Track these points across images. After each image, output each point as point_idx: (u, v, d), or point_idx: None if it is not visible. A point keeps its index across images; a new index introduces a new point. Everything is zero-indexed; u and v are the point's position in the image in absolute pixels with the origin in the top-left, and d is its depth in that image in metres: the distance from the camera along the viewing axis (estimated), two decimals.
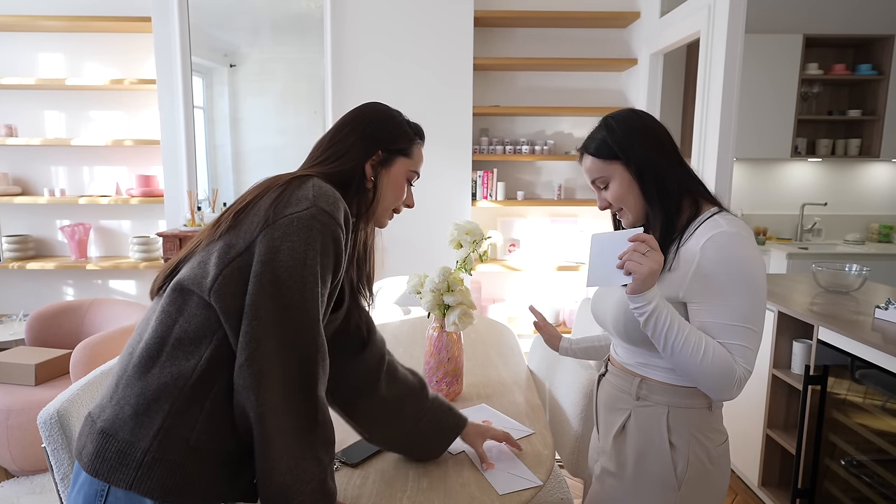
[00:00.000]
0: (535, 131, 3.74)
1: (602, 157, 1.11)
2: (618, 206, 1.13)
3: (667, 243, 1.07)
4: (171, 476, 0.86)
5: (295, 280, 0.86)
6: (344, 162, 1.03)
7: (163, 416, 0.86)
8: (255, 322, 0.86)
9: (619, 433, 1.15)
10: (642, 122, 1.11)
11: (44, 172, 3.68)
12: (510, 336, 2.21)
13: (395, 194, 1.10)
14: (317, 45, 3.35)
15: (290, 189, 0.91)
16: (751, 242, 1.03)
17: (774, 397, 2.19)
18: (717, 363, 0.98)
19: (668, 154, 1.09)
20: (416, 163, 1.12)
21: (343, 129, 1.07)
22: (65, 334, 2.80)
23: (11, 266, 3.42)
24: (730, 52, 2.46)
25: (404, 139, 1.09)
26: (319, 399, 0.91)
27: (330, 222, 0.90)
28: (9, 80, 3.35)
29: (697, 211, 1.08)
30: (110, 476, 0.86)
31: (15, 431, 2.30)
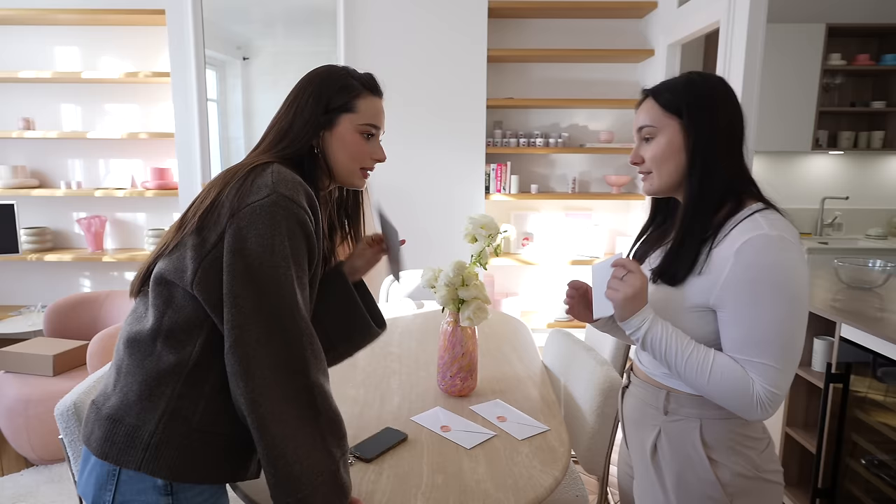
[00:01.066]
0: (549, 124, 3.70)
1: (664, 107, 1.00)
2: (649, 168, 1.03)
3: (693, 236, 0.97)
4: (178, 456, 0.90)
5: (266, 266, 0.88)
6: (291, 139, 1.02)
7: (166, 401, 0.90)
8: (235, 310, 0.87)
9: (653, 453, 1.06)
10: (727, 94, 1.00)
11: (60, 165, 3.71)
12: (524, 331, 2.19)
13: (348, 154, 1.05)
14: (330, 37, 3.33)
15: (250, 178, 0.92)
16: (794, 247, 0.91)
17: (794, 395, 2.15)
18: (726, 383, 0.91)
19: (734, 140, 0.99)
20: (365, 116, 1.05)
21: (284, 105, 1.05)
22: (82, 326, 2.83)
23: (30, 258, 3.46)
24: (750, 43, 2.41)
25: (344, 95, 1.03)
26: (315, 386, 0.91)
27: (291, 206, 0.90)
28: (26, 74, 3.37)
29: (738, 209, 0.97)
30: (120, 458, 0.90)
31: (34, 421, 2.33)
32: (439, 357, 1.55)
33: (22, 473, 2.38)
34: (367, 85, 1.07)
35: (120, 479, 0.91)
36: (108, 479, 0.91)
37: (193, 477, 0.92)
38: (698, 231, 0.97)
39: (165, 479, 0.90)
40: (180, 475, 0.90)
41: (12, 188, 3.46)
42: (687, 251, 0.98)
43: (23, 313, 3.21)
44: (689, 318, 0.98)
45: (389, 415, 1.43)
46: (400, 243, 1.20)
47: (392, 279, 1.24)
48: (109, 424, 0.92)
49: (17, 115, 3.62)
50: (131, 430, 0.90)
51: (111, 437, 0.91)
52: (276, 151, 1.01)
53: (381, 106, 1.09)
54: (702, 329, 0.98)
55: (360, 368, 1.75)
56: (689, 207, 0.99)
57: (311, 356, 0.91)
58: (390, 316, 2.34)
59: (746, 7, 2.40)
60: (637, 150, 1.06)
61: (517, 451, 1.26)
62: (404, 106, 3.37)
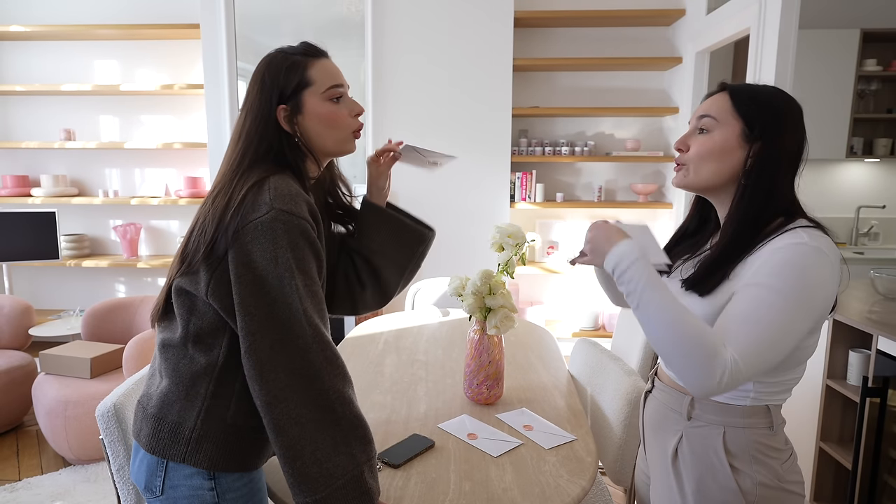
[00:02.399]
0: (575, 132, 3.69)
1: (736, 107, 0.97)
2: (690, 159, 1.01)
3: (736, 252, 0.96)
4: (216, 449, 0.98)
5: (272, 278, 0.91)
6: (264, 146, 1.00)
7: (201, 399, 0.97)
8: (248, 318, 0.92)
9: (674, 458, 1.05)
10: (800, 120, 0.98)
11: (98, 174, 3.84)
12: (550, 339, 2.19)
13: (329, 124, 1.03)
14: (358, 48, 3.39)
15: (250, 195, 0.94)
16: (827, 262, 0.89)
17: (828, 409, 2.09)
18: (693, 336, 0.86)
19: (795, 165, 0.98)
20: (325, 81, 1.02)
21: (242, 114, 1.03)
22: (118, 330, 2.92)
23: (69, 264, 3.59)
24: (782, 50, 2.37)
25: (293, 74, 1.01)
26: (332, 391, 0.93)
27: (291, 220, 0.93)
28: (68, 87, 3.51)
29: (785, 224, 0.95)
30: (166, 452, 0.98)
31: (72, 422, 2.41)
32: (466, 365, 1.56)
33: (60, 472, 2.46)
34: (309, 52, 1.04)
35: (168, 467, 0.99)
36: (158, 468, 0.99)
37: (232, 466, 0.99)
38: (740, 249, 0.96)
39: (207, 470, 0.98)
40: (220, 465, 0.98)
41: (54, 196, 3.60)
42: (725, 265, 0.96)
43: (62, 317, 3.33)
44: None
45: (416, 422, 1.44)
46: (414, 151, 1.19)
47: (432, 166, 1.23)
48: (154, 422, 1.00)
49: (59, 126, 3.77)
50: (174, 427, 0.98)
51: (157, 434, 0.99)
52: (250, 160, 0.99)
53: (332, 65, 1.05)
54: None
55: (386, 375, 1.77)
56: (735, 224, 0.97)
57: (324, 362, 0.93)
58: (417, 323, 2.36)
59: (777, 13, 2.37)
60: (687, 136, 1.04)
61: (544, 460, 1.26)
62: (431, 114, 3.41)
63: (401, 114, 3.41)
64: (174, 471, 0.98)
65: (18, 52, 3.75)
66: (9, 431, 2.82)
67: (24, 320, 3.01)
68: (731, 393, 0.99)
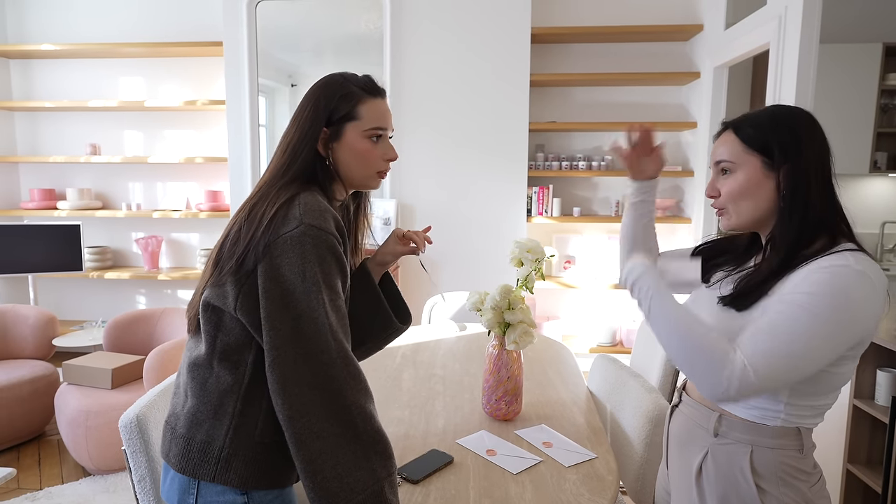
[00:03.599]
0: (592, 147, 3.69)
1: (745, 143, 0.98)
2: (725, 203, 1.01)
3: (779, 273, 0.94)
4: (246, 467, 0.97)
5: (300, 292, 0.92)
6: (301, 156, 1.02)
7: (229, 418, 0.97)
8: (273, 332, 0.92)
9: (698, 474, 1.03)
10: (814, 129, 0.97)
11: (122, 188, 3.93)
12: (568, 355, 2.17)
13: (360, 161, 1.05)
14: (376, 65, 3.44)
15: (282, 211, 0.96)
16: (870, 286, 0.87)
17: (856, 430, 2.04)
18: (701, 341, 0.90)
19: (824, 176, 0.96)
20: (371, 120, 1.05)
21: (291, 121, 1.06)
22: (138, 341, 2.95)
23: (92, 275, 3.66)
24: (802, 65, 2.36)
25: (345, 104, 1.03)
26: (354, 406, 0.93)
27: (320, 235, 0.94)
28: (94, 103, 3.61)
29: (831, 245, 0.93)
30: (196, 472, 0.98)
31: (93, 432, 2.43)
32: (484, 380, 1.56)
33: (80, 482, 2.49)
34: (367, 88, 1.06)
35: (200, 486, 0.99)
36: (190, 487, 1.00)
37: (263, 484, 0.99)
38: (784, 268, 0.94)
39: (237, 488, 0.98)
40: (250, 483, 0.98)
41: (78, 209, 3.68)
42: (766, 285, 0.95)
43: (84, 328, 3.38)
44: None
45: (435, 437, 1.44)
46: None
47: None
48: (184, 443, 1.00)
49: (85, 141, 3.87)
50: (203, 447, 0.98)
51: (187, 454, 0.99)
52: (293, 173, 1.02)
53: (384, 106, 1.08)
54: None
55: (404, 390, 1.77)
56: (780, 248, 0.96)
57: (347, 377, 0.93)
58: (434, 337, 2.36)
59: (798, 29, 2.36)
60: (713, 182, 1.04)
61: (564, 478, 1.24)
62: (448, 129, 3.43)
63: (419, 129, 3.44)
64: (206, 489, 0.99)
65: (48, 69, 3.87)
66: (31, 440, 2.86)
67: (47, 331, 3.06)
68: (760, 412, 0.97)
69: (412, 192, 3.48)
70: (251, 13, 3.40)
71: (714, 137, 1.05)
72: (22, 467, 2.62)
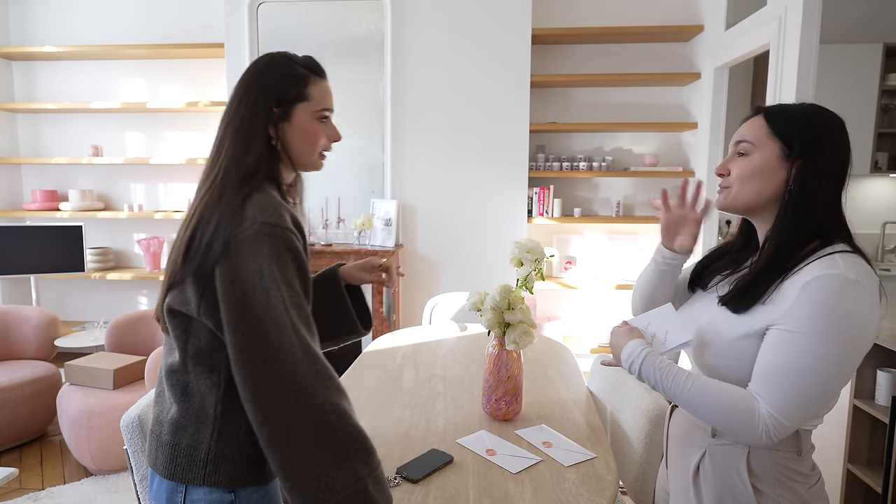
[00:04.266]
0: (592, 147, 3.70)
1: (773, 128, 0.98)
2: (730, 182, 1.01)
3: (774, 270, 0.95)
4: (234, 467, 0.97)
5: (258, 292, 0.90)
6: (255, 148, 0.99)
7: (212, 421, 0.97)
8: (236, 335, 0.91)
9: (695, 474, 1.04)
10: (842, 137, 0.98)
11: (124, 189, 3.94)
12: (568, 355, 2.17)
13: (309, 141, 1.05)
14: (377, 64, 3.45)
15: (237, 211, 0.94)
16: (866, 294, 0.88)
17: (856, 430, 2.04)
18: (725, 400, 0.92)
19: (838, 184, 0.96)
20: (320, 101, 1.05)
21: (233, 103, 1.02)
22: (140, 342, 2.96)
23: (94, 276, 3.67)
24: (802, 65, 2.36)
25: (295, 85, 1.02)
26: (327, 404, 0.91)
27: (275, 231, 0.93)
28: (96, 105, 3.62)
29: (822, 247, 0.94)
30: (185, 477, 0.98)
31: (95, 432, 2.44)
32: (484, 380, 1.56)
33: (82, 482, 2.49)
34: (314, 69, 1.06)
35: (188, 488, 0.99)
36: (177, 488, 0.99)
37: (251, 481, 0.99)
38: (780, 267, 0.95)
39: (226, 489, 0.97)
40: (238, 482, 0.98)
41: (81, 210, 3.69)
42: (762, 284, 0.95)
43: (86, 328, 3.39)
44: (735, 346, 0.97)
45: (435, 437, 1.44)
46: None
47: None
48: (170, 449, 0.99)
49: (87, 142, 3.88)
50: (190, 451, 0.98)
51: (174, 460, 0.99)
52: (248, 164, 0.99)
53: (328, 87, 1.08)
54: (742, 360, 0.96)
55: (405, 390, 1.77)
56: (776, 244, 0.97)
57: (316, 375, 0.91)
58: (434, 338, 2.36)
59: (798, 29, 2.36)
60: (727, 161, 1.04)
61: (564, 478, 1.24)
62: (449, 129, 3.44)
63: (420, 129, 3.45)
64: (193, 490, 0.98)
65: (50, 71, 3.88)
66: (33, 441, 2.87)
67: (50, 331, 3.07)
68: None
69: (413, 192, 3.49)
70: (252, 15, 3.41)
71: (742, 120, 1.04)
72: (24, 467, 2.63)
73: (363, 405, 1.65)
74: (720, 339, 0.99)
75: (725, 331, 0.98)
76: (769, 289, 0.94)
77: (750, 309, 0.96)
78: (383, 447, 1.38)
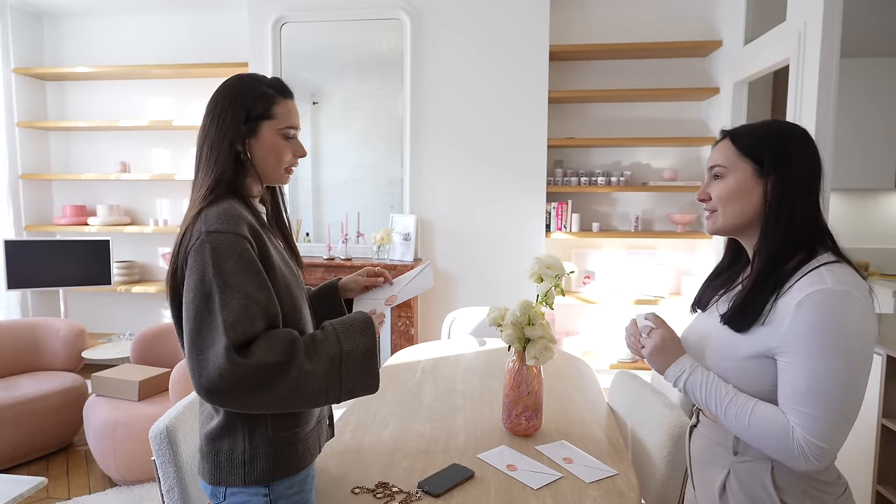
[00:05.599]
0: (610, 162, 3.70)
1: (740, 150, 1.02)
2: (714, 206, 1.05)
3: (766, 286, 0.97)
4: (269, 463, 1.07)
5: (199, 299, 0.97)
6: (222, 163, 1.07)
7: (241, 425, 1.06)
8: (185, 346, 0.99)
9: (721, 493, 1.04)
10: (808, 147, 1.00)
11: (150, 204, 4.04)
12: (588, 371, 2.16)
13: (274, 157, 1.12)
14: (397, 82, 3.51)
15: (191, 227, 1.03)
16: (859, 303, 0.90)
17: (885, 449, 1.99)
18: (765, 428, 0.93)
19: (811, 193, 0.99)
20: (284, 120, 1.11)
21: (205, 121, 1.10)
22: (165, 354, 3.02)
23: (120, 289, 3.75)
24: (823, 80, 2.35)
25: (261, 103, 1.09)
26: (269, 401, 0.98)
27: (217, 238, 0.99)
28: (125, 123, 3.73)
29: (808, 259, 0.96)
30: (228, 480, 1.07)
31: (120, 443, 2.49)
32: (504, 395, 1.57)
33: (107, 493, 2.54)
34: (279, 90, 1.13)
35: (227, 493, 1.08)
36: (216, 492, 1.09)
37: (288, 472, 1.09)
38: (771, 281, 0.97)
39: (265, 484, 1.07)
40: (277, 475, 1.07)
41: (108, 225, 3.80)
42: (757, 300, 0.97)
43: (112, 341, 3.46)
44: (745, 366, 0.98)
45: (455, 451, 1.45)
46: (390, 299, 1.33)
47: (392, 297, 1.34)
48: (212, 458, 1.08)
49: (115, 159, 4.00)
50: (228, 455, 1.07)
51: (216, 467, 1.08)
52: (214, 177, 1.07)
53: (294, 107, 1.15)
54: (756, 378, 0.97)
55: (425, 405, 1.78)
56: (763, 257, 0.99)
57: (248, 377, 0.95)
58: (453, 352, 2.37)
59: (818, 44, 2.36)
60: (705, 186, 1.08)
61: (585, 495, 1.24)
62: (467, 144, 3.47)
63: (438, 144, 3.49)
64: (232, 494, 1.08)
65: (82, 90, 4.02)
66: (60, 451, 2.93)
67: (77, 343, 3.15)
68: None
69: (432, 207, 3.52)
70: (276, 34, 3.50)
71: (713, 145, 1.09)
72: (51, 477, 2.68)
73: (383, 419, 1.66)
74: (725, 360, 1.01)
75: (731, 351, 1.00)
76: (765, 308, 0.96)
77: (751, 329, 0.97)
78: (405, 461, 1.39)
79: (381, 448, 1.47)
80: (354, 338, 1.06)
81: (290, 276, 1.12)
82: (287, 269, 1.12)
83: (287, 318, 1.08)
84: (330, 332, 1.06)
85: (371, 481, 1.30)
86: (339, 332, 1.06)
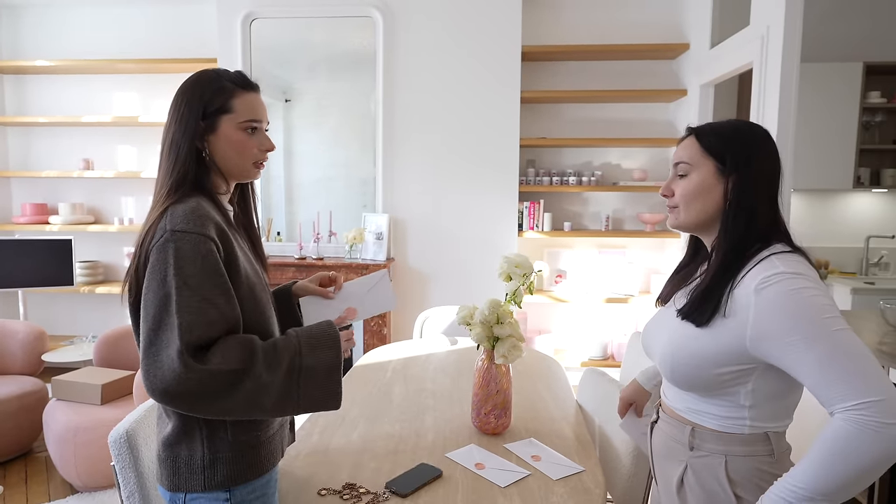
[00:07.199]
0: (582, 162, 3.74)
1: (704, 148, 1.03)
2: (677, 202, 1.06)
3: (723, 276, 0.99)
4: (229, 467, 1.05)
5: (161, 299, 0.95)
6: (183, 161, 1.05)
7: (198, 428, 1.04)
8: (141, 346, 0.97)
9: (679, 487, 1.06)
10: (769, 147, 1.03)
11: (114, 202, 3.93)
12: (558, 369, 2.18)
13: (236, 152, 1.09)
14: (369, 80, 3.48)
15: (153, 225, 1.01)
16: (811, 280, 0.92)
17: None
18: (847, 448, 0.83)
19: (771, 191, 1.02)
20: (244, 113, 1.08)
21: (170, 122, 1.08)
22: (129, 357, 2.94)
23: (83, 290, 3.64)
24: (784, 83, 2.42)
25: (218, 97, 1.07)
26: (225, 410, 0.97)
27: (182, 237, 0.97)
28: (88, 118, 3.62)
29: (761, 251, 0.98)
30: (188, 486, 1.04)
31: (82, 448, 2.41)
32: (473, 394, 1.57)
33: (67, 500, 2.46)
34: (240, 83, 1.10)
35: (186, 497, 1.06)
36: (175, 498, 1.06)
37: (250, 476, 1.07)
38: (728, 275, 0.99)
39: (225, 489, 1.05)
40: (235, 480, 1.05)
41: (70, 224, 3.68)
42: (714, 291, 0.99)
43: (74, 343, 3.36)
44: (721, 378, 0.98)
45: (424, 451, 1.44)
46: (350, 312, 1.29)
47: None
48: (171, 463, 1.06)
49: (78, 156, 3.88)
50: (187, 461, 1.04)
51: (175, 473, 1.05)
52: (176, 176, 1.05)
53: (258, 100, 1.11)
54: (731, 388, 0.98)
55: (395, 404, 1.77)
56: (721, 252, 1.01)
57: (202, 380, 0.93)
58: (424, 352, 2.37)
59: (779, 49, 2.42)
60: (669, 182, 1.09)
61: (552, 492, 1.25)
62: (440, 144, 3.47)
63: (411, 143, 3.48)
64: (192, 500, 1.06)
65: (42, 84, 3.88)
66: (18, 457, 2.83)
67: (37, 346, 3.04)
68: (728, 422, 1.01)
69: (404, 206, 3.51)
70: (246, 30, 3.44)
71: (678, 142, 1.11)
72: (8, 484, 2.59)
73: (353, 420, 1.65)
74: (692, 358, 1.00)
75: (694, 343, 1.01)
76: (723, 298, 0.97)
77: (711, 322, 0.98)
78: (373, 462, 1.39)
79: (349, 449, 1.46)
80: (319, 352, 1.03)
81: (254, 277, 1.10)
82: (252, 271, 1.10)
83: (251, 321, 1.06)
84: (293, 342, 1.03)
85: (338, 483, 1.29)
86: (302, 345, 1.03)
